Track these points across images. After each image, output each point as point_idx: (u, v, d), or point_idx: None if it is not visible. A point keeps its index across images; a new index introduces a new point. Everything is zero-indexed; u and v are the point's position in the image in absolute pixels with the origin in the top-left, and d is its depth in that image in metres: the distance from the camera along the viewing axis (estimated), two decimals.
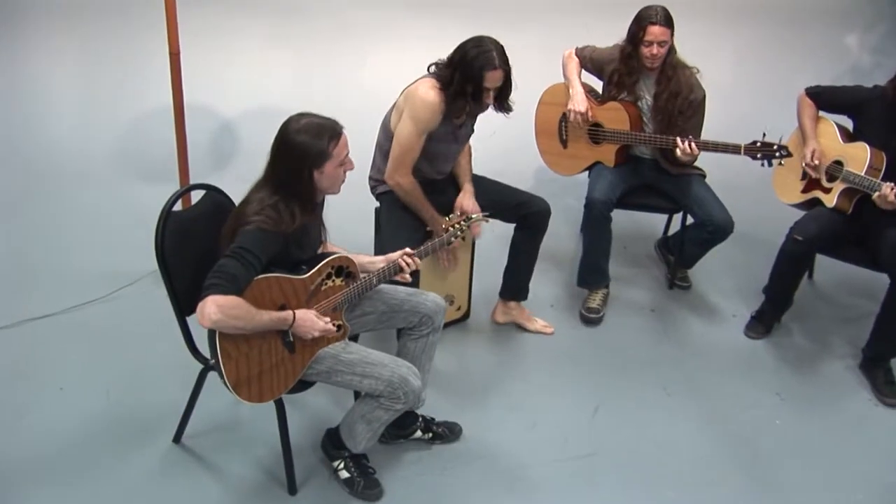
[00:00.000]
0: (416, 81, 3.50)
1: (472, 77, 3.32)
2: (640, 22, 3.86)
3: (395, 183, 3.54)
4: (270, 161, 2.75)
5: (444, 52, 3.45)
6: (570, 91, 4.14)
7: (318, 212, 2.97)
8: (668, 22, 3.83)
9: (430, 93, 3.40)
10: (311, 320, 2.77)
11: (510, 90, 3.45)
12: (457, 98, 3.36)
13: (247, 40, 6.64)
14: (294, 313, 2.74)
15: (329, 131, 2.72)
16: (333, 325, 2.86)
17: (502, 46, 3.36)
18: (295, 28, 6.86)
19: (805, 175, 3.99)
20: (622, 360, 3.90)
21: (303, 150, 2.69)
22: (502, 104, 3.48)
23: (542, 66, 4.49)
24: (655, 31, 3.82)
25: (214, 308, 2.52)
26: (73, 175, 5.01)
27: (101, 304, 3.99)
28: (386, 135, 3.59)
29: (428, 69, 3.49)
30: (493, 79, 3.34)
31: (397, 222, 3.60)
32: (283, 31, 6.81)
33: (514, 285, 3.96)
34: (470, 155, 3.81)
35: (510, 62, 3.37)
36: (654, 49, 3.84)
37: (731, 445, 3.44)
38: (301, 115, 2.74)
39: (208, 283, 2.56)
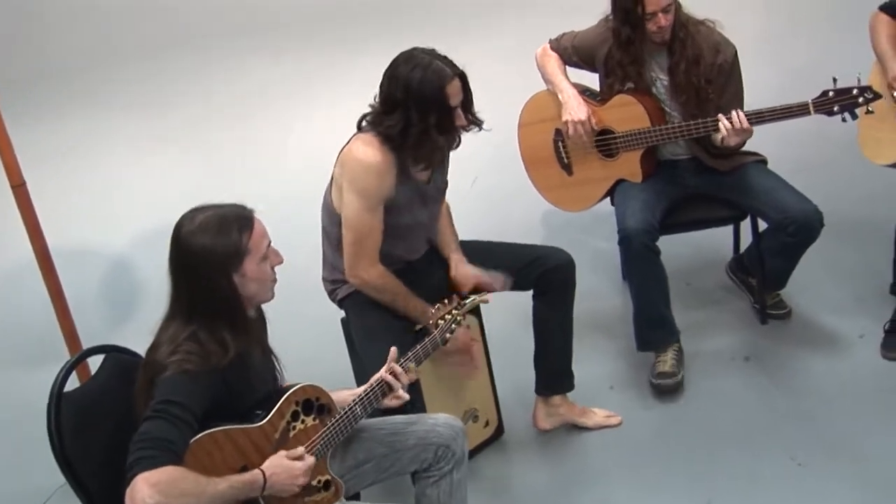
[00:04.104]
0: (347, 143, 3.53)
1: (432, 103, 3.34)
2: None
3: (360, 280, 3.55)
4: (173, 284, 2.76)
5: None
6: (560, 97, 4.19)
7: (260, 334, 2.96)
8: None
9: (367, 151, 3.41)
10: (286, 468, 2.73)
11: (472, 96, 3.48)
12: (422, 141, 3.39)
13: (123, 146, 6.72)
14: (262, 471, 2.69)
15: (237, 221, 2.73)
16: (319, 481, 2.83)
17: (433, 49, 3.42)
18: (188, 117, 6.94)
19: None
20: (725, 433, 3.89)
21: (210, 255, 2.69)
22: (473, 118, 3.51)
23: (509, 77, 4.53)
24: None
25: (148, 490, 2.45)
26: None
27: None
28: (331, 219, 3.61)
29: (359, 125, 3.53)
30: (455, 92, 3.39)
31: (373, 330, 3.57)
32: (170, 125, 6.90)
33: (553, 374, 3.94)
34: (450, 215, 3.83)
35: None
36: (661, 20, 3.88)
37: None
38: (194, 212, 2.75)
39: (132, 460, 2.50)
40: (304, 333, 4.08)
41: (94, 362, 3.10)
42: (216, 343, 2.70)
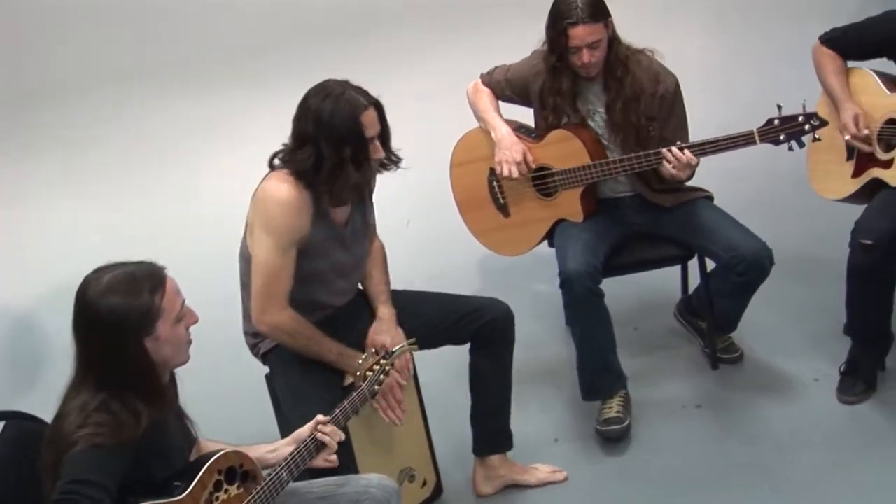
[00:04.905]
0: (260, 182, 3.51)
1: (345, 134, 3.33)
2: (556, 23, 3.91)
3: (269, 326, 3.50)
4: (79, 349, 2.69)
5: None
6: (493, 135, 4.19)
7: (173, 399, 2.91)
8: (595, 14, 3.87)
9: (280, 187, 3.39)
10: None
11: (389, 128, 3.49)
12: (336, 176, 3.37)
13: (29, 191, 6.59)
14: None
15: (147, 280, 2.68)
16: None
17: (347, 80, 3.42)
18: (96, 161, 6.82)
19: (851, 152, 4.03)
20: (675, 484, 3.88)
21: (119, 317, 2.62)
22: (390, 152, 3.52)
23: (440, 114, 4.51)
24: (579, 33, 3.86)
25: None
26: None
27: None
28: (249, 267, 3.57)
29: (270, 163, 3.51)
30: (370, 123, 3.38)
31: (299, 384, 3.53)
32: (77, 169, 6.76)
33: (490, 433, 3.91)
34: (383, 259, 3.81)
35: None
36: (585, 56, 3.89)
37: None
38: (100, 272, 2.69)
39: None
40: (226, 392, 4.04)
41: None
42: (129, 413, 2.63)
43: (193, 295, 2.82)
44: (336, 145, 3.33)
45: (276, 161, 3.47)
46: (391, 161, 3.53)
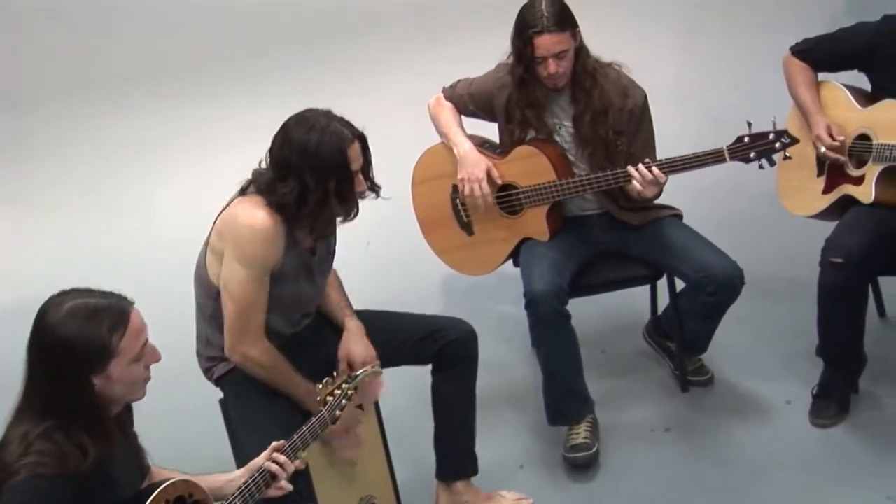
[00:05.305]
0: (227, 206, 3.49)
1: (331, 168, 3.33)
2: (522, 33, 3.92)
3: (242, 358, 3.49)
4: (29, 369, 2.66)
5: (261, 145, 3.45)
6: (456, 152, 4.19)
7: (125, 426, 2.88)
8: (561, 22, 3.88)
9: (256, 214, 3.36)
10: None
11: (371, 160, 3.50)
12: (320, 209, 3.38)
13: None
14: None
15: (109, 315, 2.63)
16: None
17: (329, 110, 3.42)
18: (46, 176, 6.84)
19: (822, 167, 4.05)
20: None
21: (69, 352, 2.59)
22: (372, 184, 3.53)
23: (401, 130, 4.50)
24: (545, 43, 3.87)
25: None
26: None
27: None
28: (205, 290, 3.56)
29: (243, 190, 3.49)
30: (356, 156, 3.39)
31: (256, 411, 3.50)
32: (28, 185, 6.80)
33: (454, 458, 3.89)
34: (339, 281, 3.81)
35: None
36: (552, 67, 3.90)
37: None
38: (63, 296, 2.65)
39: None
40: (179, 417, 4.00)
41: None
42: (73, 446, 2.59)
43: (147, 315, 2.77)
44: (321, 178, 3.33)
45: (251, 189, 3.45)
46: (373, 191, 3.54)
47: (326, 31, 6.93)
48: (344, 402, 3.22)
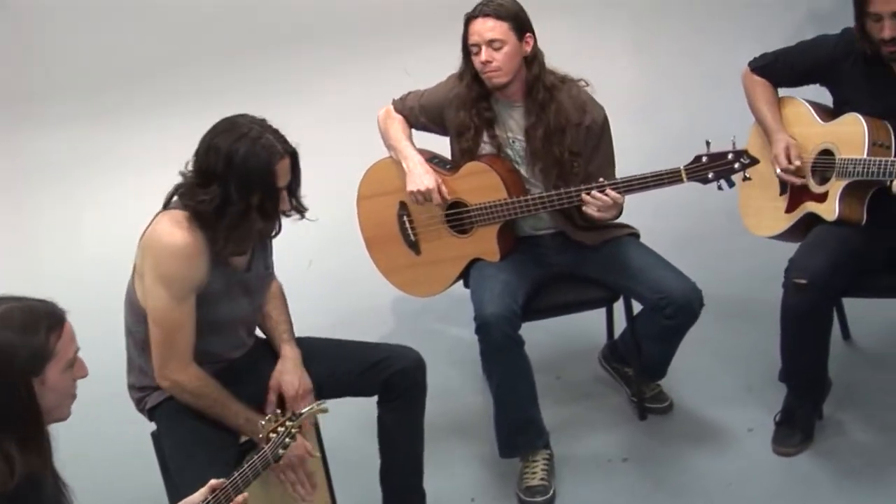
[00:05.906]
0: (151, 223, 3.46)
1: (257, 182, 3.30)
2: (465, 21, 3.98)
3: (171, 383, 3.45)
4: None
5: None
6: (404, 165, 4.19)
7: (48, 455, 2.79)
8: (499, 12, 3.92)
9: (172, 231, 3.33)
10: None
11: (300, 179, 3.47)
12: (239, 223, 3.34)
13: None
14: None
15: (45, 318, 2.60)
16: None
17: (263, 119, 3.39)
18: None
19: (784, 186, 4.08)
20: None
21: (10, 351, 2.55)
22: (298, 204, 3.49)
23: (346, 143, 4.46)
24: (478, 27, 3.91)
25: None
26: None
27: None
28: (135, 315, 3.53)
29: (166, 204, 3.46)
30: (284, 173, 3.36)
31: (191, 445, 3.46)
32: None
33: (402, 493, 3.89)
34: (282, 298, 3.78)
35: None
36: (483, 54, 3.92)
37: None
38: None
39: None
40: (107, 451, 3.94)
41: None
42: (1, 459, 2.54)
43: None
44: (245, 191, 3.30)
45: (175, 198, 3.42)
46: (298, 212, 3.52)
47: (249, 43, 6.92)
48: (287, 440, 3.18)
